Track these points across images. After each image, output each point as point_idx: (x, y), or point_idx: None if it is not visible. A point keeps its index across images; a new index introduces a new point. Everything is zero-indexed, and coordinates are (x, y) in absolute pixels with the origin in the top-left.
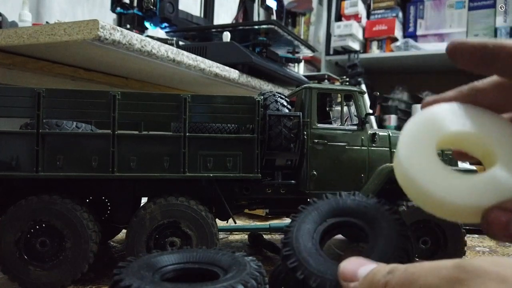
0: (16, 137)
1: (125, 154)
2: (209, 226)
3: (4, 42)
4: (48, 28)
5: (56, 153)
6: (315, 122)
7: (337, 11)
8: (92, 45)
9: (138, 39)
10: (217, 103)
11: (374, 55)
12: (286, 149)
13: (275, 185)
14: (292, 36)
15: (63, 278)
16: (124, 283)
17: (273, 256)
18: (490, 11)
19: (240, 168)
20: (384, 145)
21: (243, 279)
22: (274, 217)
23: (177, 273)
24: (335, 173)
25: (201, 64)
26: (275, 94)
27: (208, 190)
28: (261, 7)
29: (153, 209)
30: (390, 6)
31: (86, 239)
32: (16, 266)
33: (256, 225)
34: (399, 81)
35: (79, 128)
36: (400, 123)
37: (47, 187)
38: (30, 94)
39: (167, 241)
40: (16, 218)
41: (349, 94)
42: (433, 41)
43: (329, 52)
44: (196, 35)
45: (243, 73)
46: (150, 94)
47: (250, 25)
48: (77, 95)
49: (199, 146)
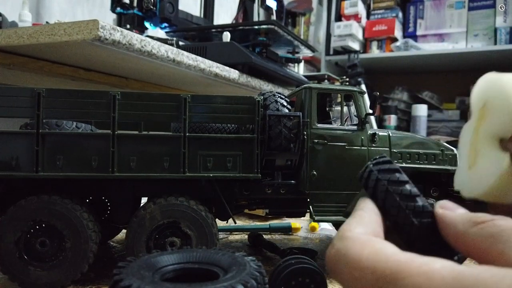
0: (16, 137)
1: (125, 154)
2: (209, 226)
3: (4, 42)
4: (48, 28)
5: (56, 153)
6: (315, 122)
7: (337, 11)
8: (92, 45)
9: (138, 39)
10: (217, 103)
11: (374, 55)
12: (286, 149)
13: (275, 185)
14: (292, 36)
15: (63, 278)
16: (124, 283)
17: (273, 256)
18: (490, 11)
19: (240, 168)
20: (384, 145)
21: (243, 279)
22: (274, 217)
23: (177, 273)
24: (335, 173)
25: (201, 64)
26: (275, 94)
27: (208, 190)
28: (261, 7)
29: (153, 209)
30: (390, 6)
31: (86, 239)
32: (16, 266)
33: (256, 225)
34: (399, 81)
35: (79, 128)
36: (400, 123)
37: (47, 187)
38: (30, 94)
39: (167, 241)
40: (16, 218)
41: (349, 94)
42: (433, 41)
43: (329, 52)
44: (196, 35)
45: (243, 73)
46: (150, 94)
47: (250, 25)
48: (77, 95)
49: (199, 146)
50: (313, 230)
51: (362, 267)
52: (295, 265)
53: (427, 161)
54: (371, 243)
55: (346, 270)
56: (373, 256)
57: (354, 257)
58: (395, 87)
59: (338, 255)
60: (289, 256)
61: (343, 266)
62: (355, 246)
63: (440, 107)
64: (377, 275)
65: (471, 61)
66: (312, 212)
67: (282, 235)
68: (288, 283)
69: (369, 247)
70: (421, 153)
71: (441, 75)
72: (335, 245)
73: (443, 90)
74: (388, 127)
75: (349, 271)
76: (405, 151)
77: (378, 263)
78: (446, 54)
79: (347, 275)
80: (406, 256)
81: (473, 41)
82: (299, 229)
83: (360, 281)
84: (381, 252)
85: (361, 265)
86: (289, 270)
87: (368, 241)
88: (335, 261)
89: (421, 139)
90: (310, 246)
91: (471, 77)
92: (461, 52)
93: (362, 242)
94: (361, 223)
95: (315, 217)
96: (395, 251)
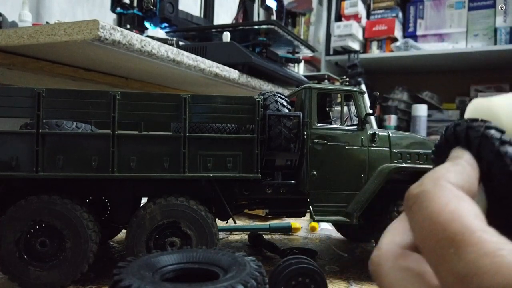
0: (16, 137)
1: (125, 154)
2: (209, 226)
3: (4, 42)
4: (48, 28)
5: (56, 153)
6: (315, 122)
7: (337, 11)
8: (92, 45)
9: (138, 39)
10: (217, 103)
11: (374, 55)
12: (286, 149)
13: (275, 185)
14: (292, 36)
15: (63, 278)
16: (124, 283)
17: (273, 256)
18: (490, 11)
19: (240, 168)
20: (384, 145)
21: (243, 279)
22: (274, 217)
23: (177, 273)
24: (335, 173)
25: (201, 64)
26: (275, 94)
27: (208, 190)
28: (261, 7)
29: (153, 209)
30: (390, 6)
31: (86, 239)
32: (16, 266)
33: (256, 225)
34: (399, 81)
35: (79, 128)
36: (400, 123)
37: (47, 187)
38: (30, 94)
39: (167, 241)
40: (16, 218)
41: (349, 94)
42: (433, 41)
43: (329, 52)
44: (196, 35)
45: (243, 73)
46: (150, 94)
47: (250, 25)
48: (77, 95)
49: (199, 146)
50: (313, 230)
51: (438, 221)
52: (295, 265)
53: (427, 161)
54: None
55: (422, 215)
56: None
57: (437, 207)
58: (395, 87)
59: (422, 196)
60: (289, 256)
61: (422, 210)
62: (443, 196)
63: (440, 107)
64: (446, 235)
65: (471, 61)
66: (312, 212)
67: (282, 235)
68: (288, 283)
69: (456, 203)
70: (421, 153)
71: (441, 75)
72: (424, 184)
73: (443, 90)
74: (388, 127)
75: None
76: (405, 151)
77: (454, 224)
78: (446, 54)
79: (421, 218)
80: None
81: (473, 41)
82: (299, 229)
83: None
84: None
85: (439, 218)
86: (289, 270)
87: (459, 197)
88: (416, 200)
89: (421, 139)
90: (310, 246)
91: (471, 77)
92: (461, 52)
93: (452, 196)
94: (461, 173)
95: (315, 217)
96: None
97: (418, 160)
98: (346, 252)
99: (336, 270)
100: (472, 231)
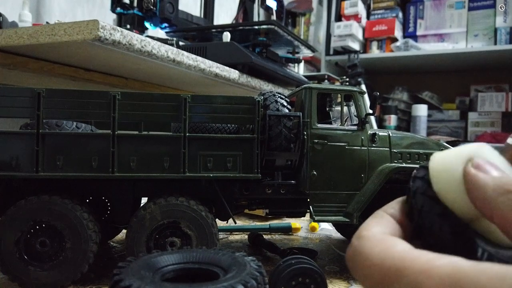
0: (16, 137)
1: (125, 154)
2: (209, 226)
3: (4, 42)
4: (48, 29)
5: (56, 153)
6: (315, 122)
7: (337, 11)
8: (92, 46)
9: (138, 39)
10: (217, 103)
11: (374, 55)
12: (286, 149)
13: (275, 185)
14: (292, 36)
15: (63, 278)
16: (124, 283)
17: (273, 256)
18: (490, 11)
19: (240, 168)
20: (384, 145)
21: (243, 279)
22: (274, 217)
23: (177, 273)
24: (335, 173)
25: (201, 64)
26: (275, 94)
27: (208, 190)
28: (261, 7)
29: (153, 209)
30: (390, 6)
31: (86, 239)
32: (16, 266)
33: (256, 225)
34: (399, 81)
35: (79, 128)
36: (400, 123)
37: (47, 187)
38: (30, 94)
39: (167, 241)
40: (16, 218)
41: (349, 94)
42: (433, 41)
43: (329, 52)
44: (196, 35)
45: (243, 73)
46: (150, 94)
47: (250, 25)
48: (77, 95)
49: (199, 146)
50: (313, 230)
51: (371, 264)
52: (295, 265)
53: (427, 161)
54: (384, 241)
55: (359, 268)
56: (383, 253)
57: (366, 255)
58: (395, 87)
59: (354, 253)
60: (289, 256)
61: (357, 264)
62: (368, 244)
63: (440, 107)
64: (384, 273)
65: (471, 61)
66: (312, 212)
67: (282, 235)
68: (288, 283)
69: (381, 245)
70: (421, 153)
71: (441, 75)
72: (353, 243)
73: (443, 90)
74: (388, 127)
75: (362, 268)
76: (405, 151)
77: (386, 260)
78: (446, 54)
79: (360, 272)
80: (415, 253)
81: (473, 41)
82: (299, 229)
83: (370, 278)
84: (390, 249)
85: (371, 262)
86: (289, 270)
87: (381, 239)
88: (352, 259)
89: (421, 139)
90: (310, 246)
91: (471, 77)
92: (461, 52)
93: (375, 240)
94: (380, 223)
95: (315, 217)
96: (405, 248)
97: (418, 160)
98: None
99: (336, 270)
100: (404, 259)
